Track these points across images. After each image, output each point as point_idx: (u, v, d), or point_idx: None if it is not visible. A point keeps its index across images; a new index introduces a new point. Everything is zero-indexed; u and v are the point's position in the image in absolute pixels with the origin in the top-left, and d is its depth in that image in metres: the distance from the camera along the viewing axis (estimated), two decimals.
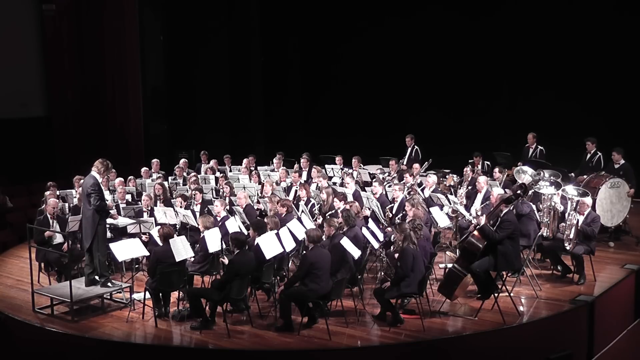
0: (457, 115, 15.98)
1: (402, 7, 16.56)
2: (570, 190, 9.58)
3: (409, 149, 14.11)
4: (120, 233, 9.87)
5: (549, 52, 14.62)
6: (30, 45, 15.76)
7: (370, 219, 9.69)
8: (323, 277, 7.74)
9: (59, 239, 9.74)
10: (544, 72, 14.74)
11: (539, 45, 14.74)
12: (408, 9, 16.47)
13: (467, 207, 10.37)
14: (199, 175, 12.83)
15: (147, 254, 8.91)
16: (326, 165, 13.84)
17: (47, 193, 11.09)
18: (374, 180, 11.77)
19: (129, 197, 11.67)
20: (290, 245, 8.60)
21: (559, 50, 14.46)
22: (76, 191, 11.39)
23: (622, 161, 11.27)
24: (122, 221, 9.87)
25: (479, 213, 9.86)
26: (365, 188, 11.66)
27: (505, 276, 8.71)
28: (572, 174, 11.70)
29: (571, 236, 9.02)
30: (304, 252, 8.32)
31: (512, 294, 8.29)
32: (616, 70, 13.71)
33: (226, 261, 8.42)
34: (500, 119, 15.27)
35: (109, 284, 8.76)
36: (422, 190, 10.82)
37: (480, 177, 10.78)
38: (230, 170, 14.12)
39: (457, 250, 9.49)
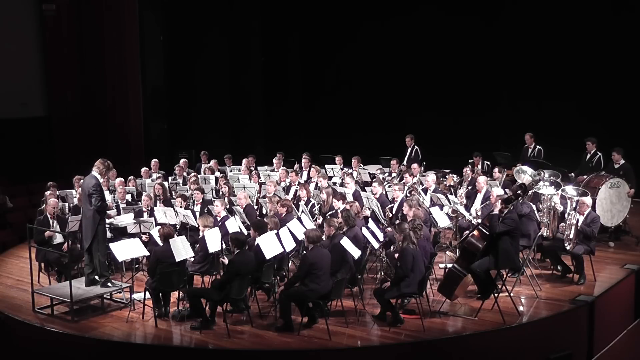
0: (456, 115, 15.98)
1: (402, 8, 16.56)
2: (570, 190, 9.60)
3: (409, 149, 14.11)
4: (120, 233, 9.87)
5: (549, 53, 14.63)
6: (30, 45, 15.76)
7: (370, 219, 9.69)
8: (323, 277, 7.74)
9: (59, 239, 9.74)
10: (543, 72, 14.74)
11: (539, 46, 14.74)
12: (409, 9, 16.49)
13: (467, 207, 10.37)
14: (199, 175, 12.84)
15: (147, 254, 8.92)
16: (326, 165, 13.84)
17: (47, 193, 11.09)
18: (374, 180, 11.77)
19: (129, 197, 11.67)
20: (290, 245, 8.60)
21: (558, 51, 14.46)
22: (76, 191, 11.39)
23: (622, 161, 11.28)
24: (123, 219, 9.87)
25: (479, 213, 9.88)
26: (365, 188, 11.66)
27: (505, 276, 8.72)
28: (572, 174, 11.71)
29: (571, 236, 9.02)
30: (304, 252, 8.32)
31: (512, 294, 8.29)
32: (616, 71, 13.71)
33: (226, 261, 8.42)
34: (500, 119, 15.27)
35: (109, 284, 8.77)
36: (425, 191, 10.80)
37: (480, 177, 10.78)
38: (231, 171, 14.13)
39: (457, 250, 9.49)
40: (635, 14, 13.51)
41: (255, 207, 11.01)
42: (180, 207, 10.42)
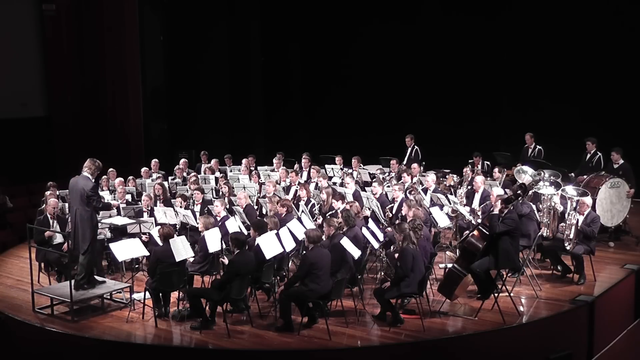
0: (457, 115, 15.98)
1: (403, 9, 16.57)
2: (570, 190, 9.59)
3: (409, 149, 14.11)
4: (121, 233, 9.87)
5: (549, 54, 14.62)
6: (30, 45, 15.77)
7: (370, 219, 9.69)
8: (323, 277, 7.74)
9: (59, 239, 9.74)
10: (543, 73, 14.74)
11: (539, 47, 14.74)
12: (410, 10, 16.50)
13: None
14: (199, 175, 12.84)
15: (147, 254, 8.91)
16: (326, 165, 13.84)
17: (47, 193, 11.09)
18: (374, 180, 11.77)
19: (129, 197, 11.67)
20: (290, 245, 8.60)
21: (558, 51, 14.46)
22: None
23: (621, 161, 11.27)
24: (121, 221, 9.87)
25: (479, 213, 9.88)
26: (365, 188, 11.66)
27: (505, 276, 8.72)
28: (572, 174, 11.70)
29: (571, 236, 9.02)
30: (304, 252, 8.32)
31: (512, 294, 8.29)
32: (616, 71, 13.71)
33: (226, 261, 8.42)
34: (500, 119, 15.27)
35: (85, 286, 8.59)
36: (425, 191, 10.80)
37: (477, 177, 10.78)
38: (231, 171, 14.13)
39: (457, 250, 9.49)
40: (635, 14, 13.51)
41: (255, 207, 11.01)
42: (180, 207, 10.42)
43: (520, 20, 14.98)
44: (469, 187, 11.23)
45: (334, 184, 12.17)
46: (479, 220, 9.27)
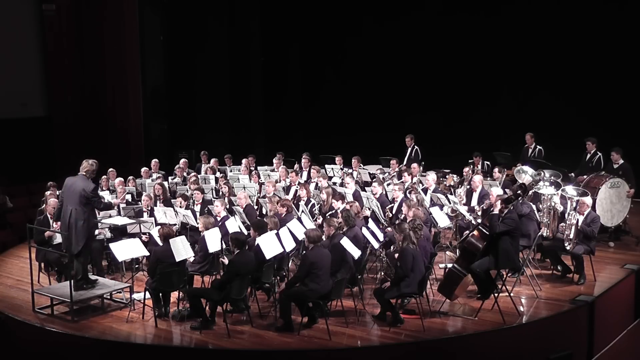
0: (457, 115, 15.98)
1: (402, 7, 16.57)
2: (570, 190, 9.59)
3: (409, 149, 14.10)
4: (121, 233, 9.87)
5: (549, 53, 14.63)
6: (30, 45, 15.77)
7: (370, 219, 9.69)
8: (323, 277, 7.74)
9: (59, 239, 9.72)
10: (543, 72, 14.75)
11: (539, 46, 14.74)
12: (408, 8, 16.49)
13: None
14: (199, 175, 12.84)
15: (147, 254, 8.91)
16: (326, 165, 13.84)
17: (47, 193, 11.09)
18: (374, 180, 11.77)
19: (129, 197, 11.67)
20: (290, 245, 8.60)
21: (558, 50, 14.47)
22: None
23: (621, 161, 11.27)
24: (121, 221, 9.87)
25: (479, 212, 9.88)
26: (365, 188, 11.66)
27: (505, 276, 8.73)
28: (572, 174, 11.70)
29: (571, 236, 9.02)
30: (304, 252, 8.32)
31: (512, 294, 8.29)
32: (615, 71, 13.71)
33: (226, 261, 8.42)
34: (501, 119, 15.27)
35: (84, 287, 8.65)
36: (425, 191, 10.80)
37: (475, 176, 10.79)
38: (231, 171, 14.13)
39: (457, 250, 9.49)
40: (636, 13, 13.50)
41: (255, 207, 11.02)
42: (181, 207, 10.43)
43: (521, 19, 14.97)
44: (468, 187, 11.23)
45: (334, 184, 12.17)
46: (479, 220, 9.28)
